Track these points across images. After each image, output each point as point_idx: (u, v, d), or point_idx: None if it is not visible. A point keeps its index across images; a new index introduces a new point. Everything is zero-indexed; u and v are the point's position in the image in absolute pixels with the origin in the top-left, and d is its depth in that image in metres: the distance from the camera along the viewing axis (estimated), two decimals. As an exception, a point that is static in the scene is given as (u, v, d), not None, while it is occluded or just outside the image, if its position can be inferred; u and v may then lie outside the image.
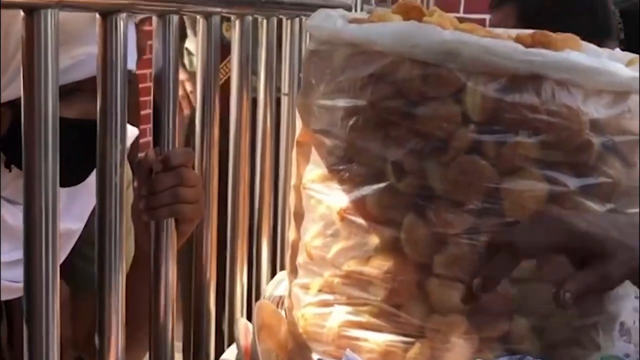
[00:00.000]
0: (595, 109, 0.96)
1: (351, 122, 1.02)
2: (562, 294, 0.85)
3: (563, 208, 0.97)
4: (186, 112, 2.72)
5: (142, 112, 3.65)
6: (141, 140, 2.35)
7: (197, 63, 1.21)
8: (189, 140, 2.45)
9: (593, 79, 0.95)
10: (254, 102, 1.44)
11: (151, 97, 1.07)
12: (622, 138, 0.99)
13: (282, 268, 1.53)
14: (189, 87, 2.71)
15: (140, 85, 3.57)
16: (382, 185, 1.00)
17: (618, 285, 0.87)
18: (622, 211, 1.00)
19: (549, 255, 0.98)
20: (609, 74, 0.96)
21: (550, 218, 0.89)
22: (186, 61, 2.73)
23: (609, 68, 0.96)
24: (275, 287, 1.37)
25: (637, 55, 1.06)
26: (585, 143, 0.97)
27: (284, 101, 1.60)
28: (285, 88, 1.58)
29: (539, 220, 0.91)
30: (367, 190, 1.01)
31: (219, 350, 1.35)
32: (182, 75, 2.60)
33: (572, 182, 0.97)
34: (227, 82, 1.35)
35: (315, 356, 1.03)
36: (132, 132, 1.22)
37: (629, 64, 1.03)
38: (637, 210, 1.04)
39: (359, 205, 1.02)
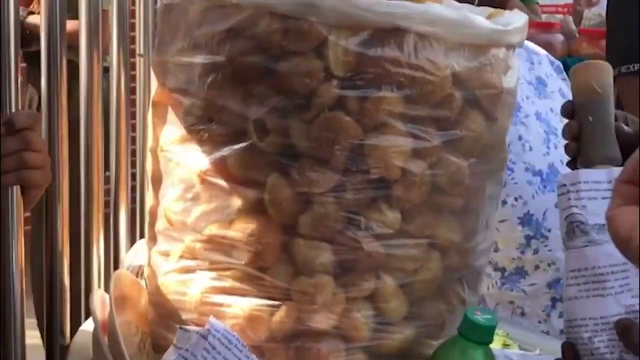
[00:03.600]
0: (457, 63, 0.96)
1: (209, 80, 0.97)
2: None
3: (426, 163, 0.96)
4: None
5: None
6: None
7: (41, 17, 1.12)
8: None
9: (455, 32, 0.94)
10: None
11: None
12: (484, 92, 0.99)
13: (143, 236, 1.47)
14: None
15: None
16: (243, 144, 0.96)
17: None
18: (484, 165, 1.00)
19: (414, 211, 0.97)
20: (471, 27, 0.95)
21: None
22: None
23: (470, 20, 0.96)
24: (134, 256, 1.31)
25: (498, 9, 1.06)
26: (448, 97, 0.96)
27: (140, 63, 1.53)
28: (140, 49, 1.51)
29: None
30: (228, 150, 0.97)
31: (77, 325, 1.29)
32: None
33: (436, 137, 0.96)
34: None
35: (177, 325, 0.99)
36: None
37: (489, 17, 1.02)
38: (498, 164, 1.04)
39: (220, 167, 0.98)
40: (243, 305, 0.97)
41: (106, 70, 1.38)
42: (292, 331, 0.97)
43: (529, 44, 1.77)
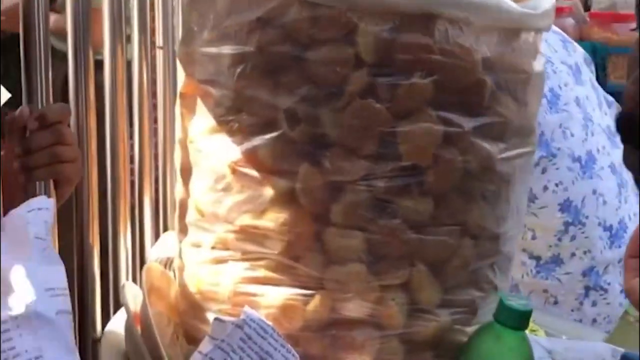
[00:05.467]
0: (487, 47, 0.95)
1: (239, 70, 0.97)
2: None
3: (458, 149, 0.96)
4: None
5: None
6: None
7: (67, 12, 1.12)
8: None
9: (485, 16, 0.94)
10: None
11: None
12: (514, 76, 0.99)
13: (166, 229, 1.47)
14: None
15: None
16: (274, 134, 0.96)
17: None
18: (514, 150, 1.00)
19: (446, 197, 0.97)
20: (501, 11, 0.95)
21: None
22: None
23: (500, 5, 0.95)
24: (161, 249, 1.31)
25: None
26: (478, 82, 0.95)
27: (160, 55, 1.53)
28: (160, 41, 1.51)
29: None
30: (259, 140, 0.97)
31: (106, 319, 1.29)
32: None
33: (467, 123, 0.96)
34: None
35: (211, 316, 0.99)
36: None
37: (517, 0, 1.02)
38: (527, 149, 1.04)
39: (251, 157, 0.98)
40: (277, 295, 0.97)
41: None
42: (327, 320, 0.97)
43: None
